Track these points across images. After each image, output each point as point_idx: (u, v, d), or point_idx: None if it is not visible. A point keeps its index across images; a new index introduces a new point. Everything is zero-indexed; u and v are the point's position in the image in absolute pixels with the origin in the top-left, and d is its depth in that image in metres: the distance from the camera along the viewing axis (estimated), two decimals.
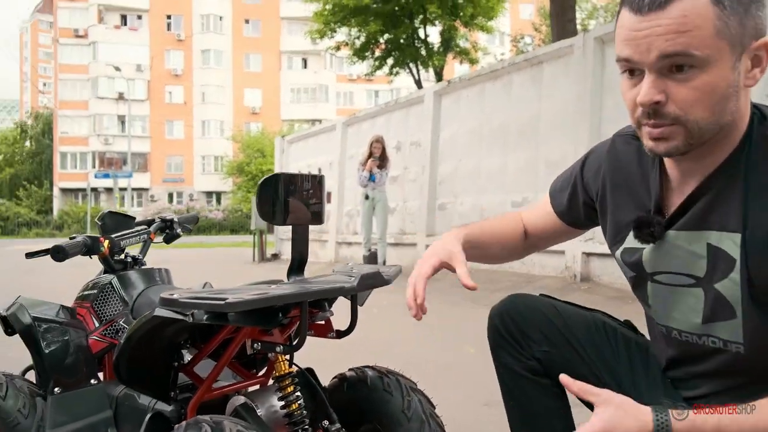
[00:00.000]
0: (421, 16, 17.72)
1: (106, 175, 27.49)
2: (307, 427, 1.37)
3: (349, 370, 1.58)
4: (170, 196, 45.36)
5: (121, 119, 43.08)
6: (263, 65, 46.54)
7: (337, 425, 1.46)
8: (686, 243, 1.03)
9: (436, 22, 18.24)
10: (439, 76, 19.85)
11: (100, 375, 1.71)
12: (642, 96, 0.92)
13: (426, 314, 1.14)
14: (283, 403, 1.39)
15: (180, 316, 1.21)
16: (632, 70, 0.95)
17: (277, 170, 14.20)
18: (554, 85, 7.11)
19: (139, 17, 45.21)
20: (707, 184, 1.00)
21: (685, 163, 1.02)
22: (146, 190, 44.58)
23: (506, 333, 1.26)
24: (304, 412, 1.39)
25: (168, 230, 2.01)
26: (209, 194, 45.99)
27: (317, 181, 1.42)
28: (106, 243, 1.74)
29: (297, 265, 1.42)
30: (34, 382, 1.67)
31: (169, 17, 45.22)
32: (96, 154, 43.77)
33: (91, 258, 1.77)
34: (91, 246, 1.70)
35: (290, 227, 1.44)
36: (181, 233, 2.03)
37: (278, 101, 46.72)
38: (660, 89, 0.91)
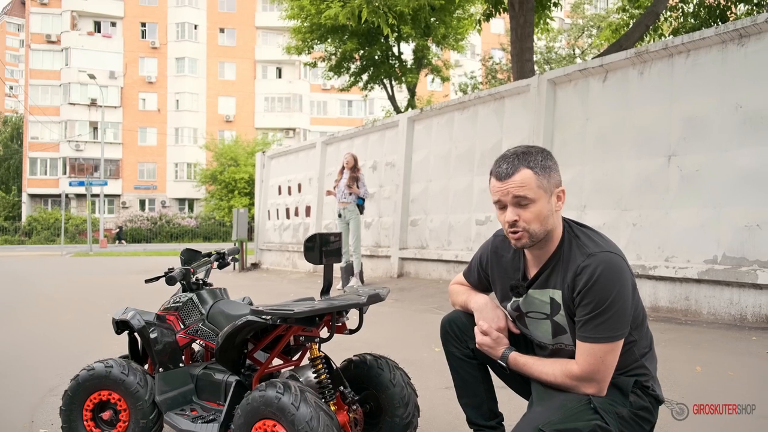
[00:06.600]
0: (395, 35, 18.49)
1: (81, 183, 27.59)
2: (331, 389, 2.19)
3: (354, 355, 2.42)
4: (142, 203, 45.35)
5: (93, 125, 43.12)
6: (238, 74, 46.98)
7: (349, 389, 2.28)
8: (539, 296, 1.86)
9: (410, 41, 18.96)
10: (412, 92, 20.66)
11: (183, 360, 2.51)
12: (508, 217, 1.77)
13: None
14: (315, 375, 2.20)
15: (262, 320, 2.02)
16: (502, 207, 1.79)
17: (257, 183, 14.78)
18: (514, 118, 7.95)
19: (113, 24, 45.31)
20: (546, 264, 1.84)
21: (533, 251, 1.87)
22: (118, 196, 44.58)
23: (452, 332, 2.09)
24: (329, 380, 2.21)
25: (221, 260, 2.81)
26: (182, 201, 46.15)
27: (337, 236, 2.24)
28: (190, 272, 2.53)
29: (326, 288, 2.24)
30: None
31: (143, 25, 45.44)
32: (67, 160, 43.58)
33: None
34: (185, 274, 2.50)
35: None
36: (230, 262, 2.83)
37: (252, 110, 47.24)
38: (516, 213, 1.76)
